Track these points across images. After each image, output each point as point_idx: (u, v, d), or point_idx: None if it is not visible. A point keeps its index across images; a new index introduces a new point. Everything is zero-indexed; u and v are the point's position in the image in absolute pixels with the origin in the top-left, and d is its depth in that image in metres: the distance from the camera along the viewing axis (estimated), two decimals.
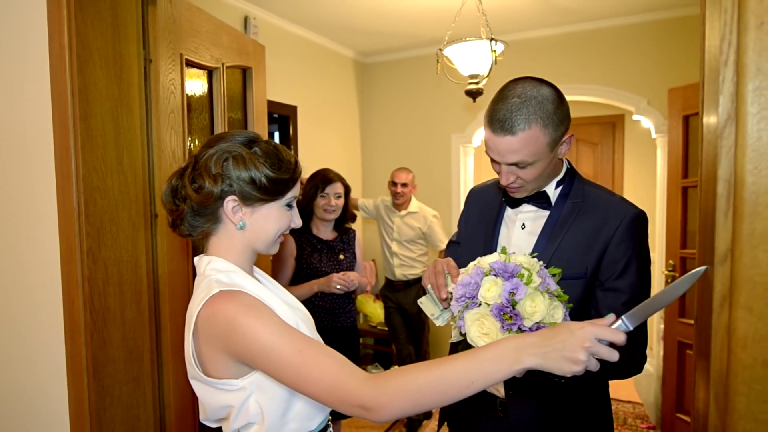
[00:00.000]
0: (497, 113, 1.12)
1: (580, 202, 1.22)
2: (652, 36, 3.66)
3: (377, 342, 4.50)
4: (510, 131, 1.10)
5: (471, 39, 2.64)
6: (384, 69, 4.70)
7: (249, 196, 0.97)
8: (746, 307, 0.66)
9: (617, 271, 1.15)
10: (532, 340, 0.80)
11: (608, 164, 5.06)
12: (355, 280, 2.25)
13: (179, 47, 1.66)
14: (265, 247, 1.04)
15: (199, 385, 0.96)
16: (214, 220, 1.00)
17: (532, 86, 1.12)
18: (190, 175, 0.98)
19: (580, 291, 1.17)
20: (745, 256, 0.65)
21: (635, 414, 3.55)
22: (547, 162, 1.15)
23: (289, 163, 1.00)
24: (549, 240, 1.21)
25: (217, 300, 0.89)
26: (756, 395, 0.66)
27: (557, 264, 1.17)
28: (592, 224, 1.18)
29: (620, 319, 0.81)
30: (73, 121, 1.34)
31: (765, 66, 0.63)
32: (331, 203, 2.35)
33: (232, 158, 0.96)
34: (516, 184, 1.19)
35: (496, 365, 0.80)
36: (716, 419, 0.69)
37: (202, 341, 0.91)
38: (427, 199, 4.04)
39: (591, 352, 0.77)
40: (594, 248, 1.16)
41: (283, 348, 0.85)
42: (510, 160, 1.13)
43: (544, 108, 1.10)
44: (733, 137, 0.66)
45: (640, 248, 1.17)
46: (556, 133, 1.12)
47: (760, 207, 0.64)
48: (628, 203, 1.21)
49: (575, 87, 3.96)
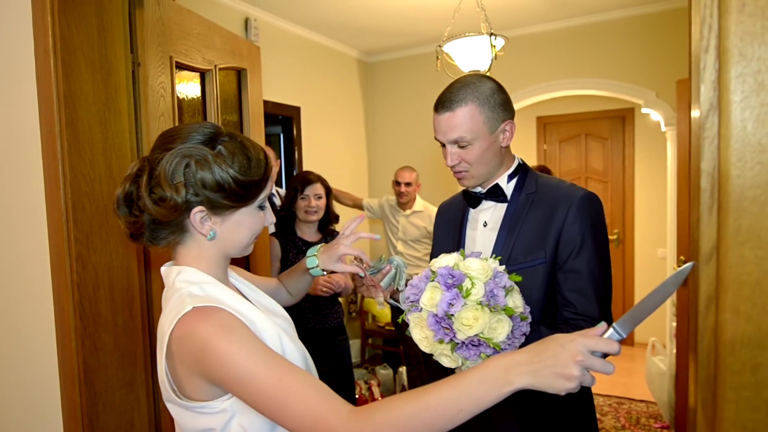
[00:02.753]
0: (441, 97, 1.24)
1: (533, 193, 1.27)
2: (659, 27, 3.58)
3: (386, 342, 4.47)
4: (449, 108, 1.21)
5: (470, 35, 2.60)
6: (388, 67, 4.67)
7: (218, 204, 0.88)
8: (733, 309, 0.61)
9: (573, 251, 1.19)
10: (521, 358, 0.75)
11: (618, 159, 4.96)
12: (340, 282, 2.25)
13: (169, 50, 1.65)
14: (238, 252, 0.97)
15: (176, 408, 0.89)
16: (180, 231, 0.91)
17: (473, 76, 1.25)
18: (147, 184, 0.87)
19: (544, 276, 1.20)
20: (731, 255, 0.61)
21: (648, 413, 3.47)
22: (487, 144, 1.22)
23: (259, 161, 0.91)
24: (508, 233, 1.26)
25: (191, 319, 0.82)
26: (745, 403, 0.62)
27: (518, 254, 1.22)
28: (546, 211, 1.23)
29: (611, 327, 0.76)
30: (60, 127, 1.33)
31: (748, 51, 0.59)
32: (311, 204, 2.36)
33: (195, 163, 0.85)
34: (460, 168, 1.25)
35: (484, 389, 0.74)
36: (704, 428, 0.65)
37: (177, 363, 0.85)
38: (433, 197, 4.00)
39: (584, 366, 0.71)
40: (550, 233, 1.21)
41: (262, 376, 0.78)
42: (451, 136, 1.22)
43: (479, 90, 1.21)
44: (716, 128, 0.62)
45: (593, 227, 1.21)
46: (492, 114, 1.22)
47: (745, 202, 0.60)
48: (578, 187, 1.26)
49: (581, 81, 3.89)
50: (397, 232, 3.63)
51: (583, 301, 1.17)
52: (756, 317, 0.61)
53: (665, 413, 3.35)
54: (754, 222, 0.60)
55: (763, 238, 0.60)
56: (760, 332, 0.61)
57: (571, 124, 5.17)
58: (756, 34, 0.59)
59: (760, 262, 0.60)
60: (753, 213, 0.60)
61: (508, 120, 1.26)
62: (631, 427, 3.31)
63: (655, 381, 3.31)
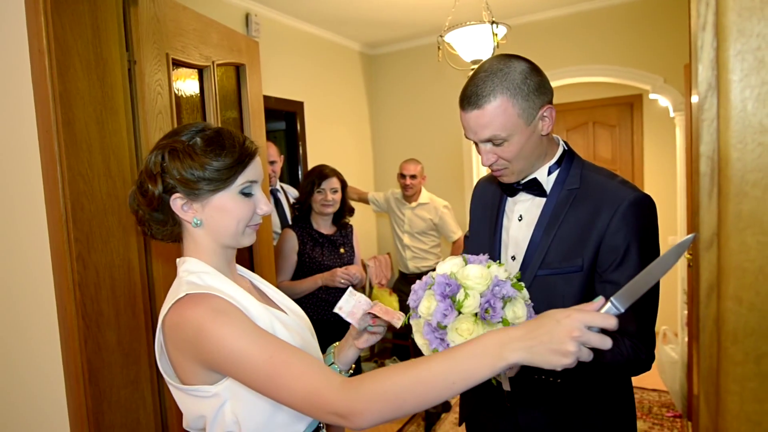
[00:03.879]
0: (465, 90, 1.09)
1: (575, 188, 1.14)
2: (664, 11, 3.51)
3: (395, 336, 4.46)
4: (476, 105, 1.07)
5: (472, 23, 2.56)
6: (392, 60, 4.64)
7: (193, 188, 0.91)
8: (735, 298, 0.59)
9: (615, 261, 1.07)
10: (516, 334, 0.74)
11: (627, 146, 4.88)
12: (357, 273, 2.30)
13: (165, 47, 1.64)
14: (232, 240, 0.97)
15: (176, 392, 0.93)
16: (173, 222, 0.96)
17: (500, 60, 1.09)
18: (138, 179, 0.95)
19: (579, 284, 1.10)
20: (732, 241, 0.59)
21: (661, 402, 3.44)
22: (525, 137, 1.09)
23: (232, 147, 0.92)
24: (545, 232, 1.14)
25: (184, 304, 0.85)
26: (749, 394, 0.59)
27: (553, 258, 1.12)
28: (587, 212, 1.10)
29: (609, 301, 0.74)
30: (57, 127, 1.33)
31: (747, 27, 0.56)
32: (327, 198, 2.39)
33: (168, 153, 0.91)
34: (498, 166, 1.14)
35: (477, 363, 0.74)
36: (707, 420, 0.63)
37: (171, 348, 0.88)
38: (439, 189, 3.97)
39: (581, 342, 0.71)
40: (590, 239, 1.09)
41: (253, 354, 0.81)
42: (483, 135, 1.09)
43: (509, 78, 1.06)
44: (714, 109, 0.59)
45: (641, 236, 1.07)
46: (527, 103, 1.07)
47: (746, 186, 0.57)
48: (628, 187, 1.11)
49: (587, 68, 3.83)
50: (404, 225, 3.61)
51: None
52: (760, 306, 0.58)
53: (677, 402, 3.32)
54: (757, 207, 0.57)
55: (765, 224, 0.57)
56: (763, 321, 0.58)
57: (578, 112, 5.10)
58: (755, 9, 0.56)
59: (762, 248, 0.57)
60: (755, 197, 0.57)
61: (547, 104, 1.10)
62: (644, 416, 3.28)
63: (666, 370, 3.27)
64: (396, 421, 3.37)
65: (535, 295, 1.06)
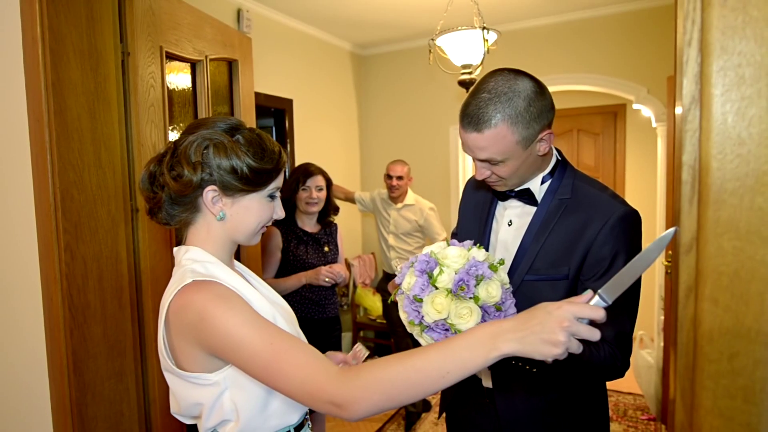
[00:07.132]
0: (467, 108, 1.08)
1: (567, 198, 1.16)
2: (650, 24, 3.59)
3: (377, 335, 4.49)
4: (476, 128, 1.06)
5: (463, 28, 2.60)
6: (382, 61, 4.66)
7: (230, 186, 0.93)
8: (712, 299, 0.63)
9: (600, 271, 1.09)
10: (509, 325, 0.77)
11: (610, 154, 4.99)
12: (341, 272, 2.29)
13: (159, 40, 1.64)
14: (245, 238, 1.00)
15: (173, 378, 0.94)
16: (193, 210, 0.97)
17: (506, 80, 1.06)
18: (169, 162, 0.94)
19: (564, 291, 1.13)
20: (710, 246, 0.62)
21: (636, 405, 3.52)
22: (520, 161, 1.10)
23: (272, 152, 0.97)
24: (534, 238, 1.17)
25: (189, 290, 0.87)
26: (722, 391, 0.63)
27: (541, 264, 1.15)
28: (577, 223, 1.13)
29: (597, 294, 0.78)
30: (48, 116, 1.32)
31: (730, 45, 0.60)
32: (312, 196, 2.39)
33: (213, 146, 0.92)
34: (492, 180, 1.16)
35: (471, 353, 0.76)
36: (683, 415, 0.67)
37: (173, 333, 0.89)
38: (425, 191, 4.01)
39: (571, 332, 0.74)
40: (577, 249, 1.11)
41: (254, 340, 0.82)
42: (480, 156, 1.10)
43: (513, 105, 1.04)
44: (697, 121, 0.63)
45: (627, 249, 1.09)
46: (528, 131, 1.06)
47: (725, 194, 0.61)
48: (618, 201, 1.13)
49: (573, 77, 3.90)
50: (389, 226, 3.63)
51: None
52: (734, 307, 0.62)
53: (652, 406, 3.40)
54: (733, 213, 0.61)
55: (741, 230, 0.61)
56: (737, 322, 0.62)
57: (564, 120, 5.19)
58: (737, 28, 0.59)
59: (738, 253, 0.61)
60: (732, 205, 0.61)
61: (546, 129, 1.10)
62: (618, 418, 3.35)
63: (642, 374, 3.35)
64: (376, 419, 3.39)
65: (521, 298, 1.10)
